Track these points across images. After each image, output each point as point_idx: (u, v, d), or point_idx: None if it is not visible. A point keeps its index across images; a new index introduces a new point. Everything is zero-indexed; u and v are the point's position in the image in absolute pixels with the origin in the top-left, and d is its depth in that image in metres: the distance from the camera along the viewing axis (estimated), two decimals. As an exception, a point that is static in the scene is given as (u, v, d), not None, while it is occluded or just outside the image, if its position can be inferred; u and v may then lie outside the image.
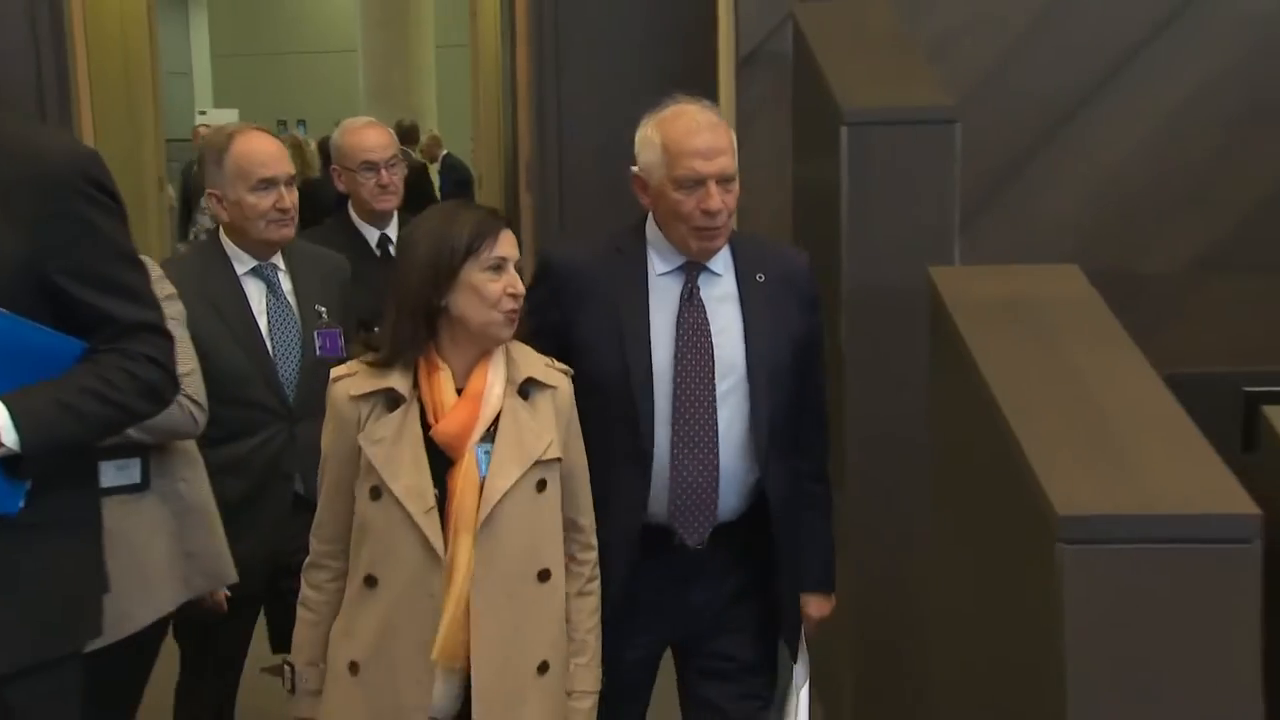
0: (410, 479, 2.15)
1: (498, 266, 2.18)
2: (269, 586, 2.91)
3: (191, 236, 7.61)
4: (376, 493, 2.16)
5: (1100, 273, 2.98)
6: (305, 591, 2.30)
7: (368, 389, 2.18)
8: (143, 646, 2.64)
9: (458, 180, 9.80)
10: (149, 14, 7.06)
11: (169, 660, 2.89)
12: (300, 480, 2.87)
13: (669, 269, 2.47)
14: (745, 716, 2.54)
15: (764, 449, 2.44)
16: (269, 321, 2.88)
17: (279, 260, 2.94)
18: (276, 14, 17.61)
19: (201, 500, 2.68)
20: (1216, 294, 4.30)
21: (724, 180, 2.39)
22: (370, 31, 12.42)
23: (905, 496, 2.98)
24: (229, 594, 2.81)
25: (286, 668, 2.33)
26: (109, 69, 6.77)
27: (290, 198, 2.86)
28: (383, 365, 2.19)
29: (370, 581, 2.18)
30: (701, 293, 2.46)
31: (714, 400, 2.40)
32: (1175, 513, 2.11)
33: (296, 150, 6.02)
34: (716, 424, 2.40)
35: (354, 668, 2.18)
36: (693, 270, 2.46)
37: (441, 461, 2.17)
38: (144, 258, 2.65)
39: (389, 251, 3.55)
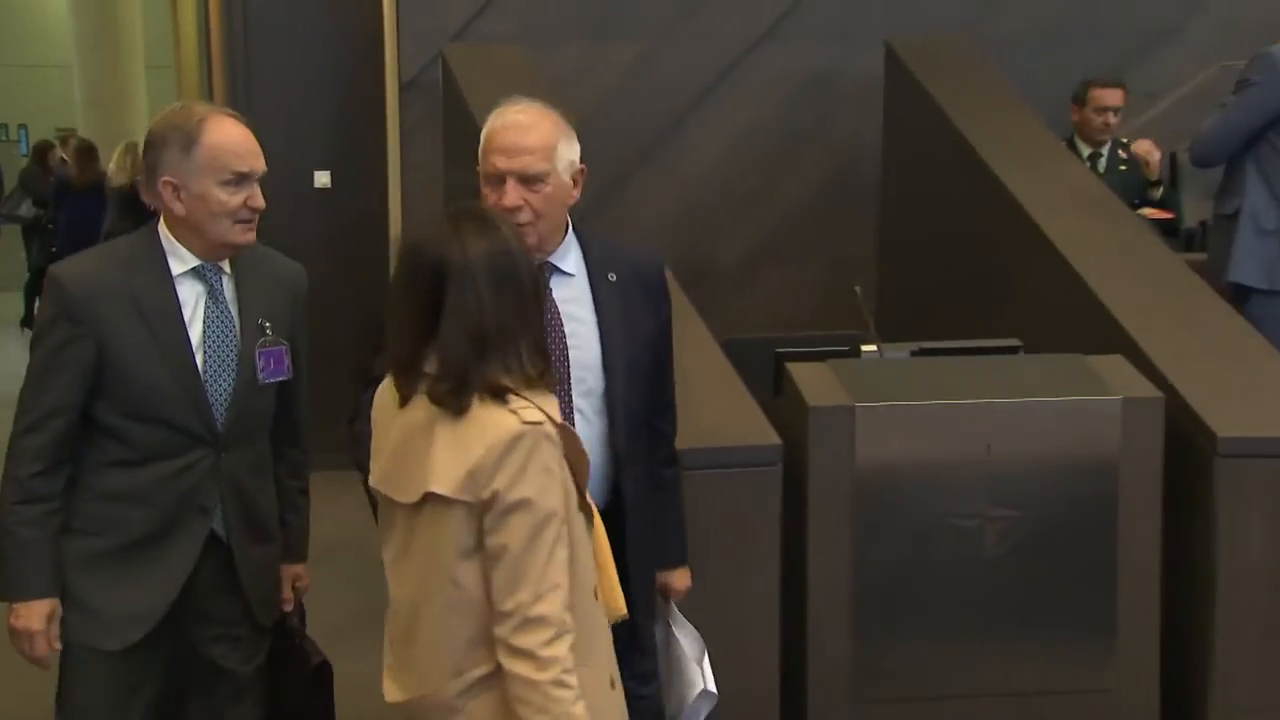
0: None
1: None
2: (177, 642, 2.04)
3: None
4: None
5: (680, 261, 3.10)
6: (570, 677, 1.62)
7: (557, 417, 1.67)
8: None
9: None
10: None
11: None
12: (220, 518, 2.03)
13: None
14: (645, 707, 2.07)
15: (622, 449, 1.98)
16: (203, 331, 2.00)
17: (224, 262, 2.05)
18: (-2, 29, 15.80)
19: None
20: (763, 278, 4.62)
21: (526, 179, 1.92)
22: (84, 51, 11.31)
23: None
24: (97, 646, 1.97)
25: None
26: None
27: (260, 197, 2.04)
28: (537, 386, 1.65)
29: (588, 592, 1.71)
30: (554, 294, 1.97)
31: (570, 404, 1.95)
32: (722, 445, 2.25)
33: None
34: (574, 428, 1.91)
35: (612, 682, 1.74)
36: (543, 272, 1.94)
37: None
38: None
39: None
